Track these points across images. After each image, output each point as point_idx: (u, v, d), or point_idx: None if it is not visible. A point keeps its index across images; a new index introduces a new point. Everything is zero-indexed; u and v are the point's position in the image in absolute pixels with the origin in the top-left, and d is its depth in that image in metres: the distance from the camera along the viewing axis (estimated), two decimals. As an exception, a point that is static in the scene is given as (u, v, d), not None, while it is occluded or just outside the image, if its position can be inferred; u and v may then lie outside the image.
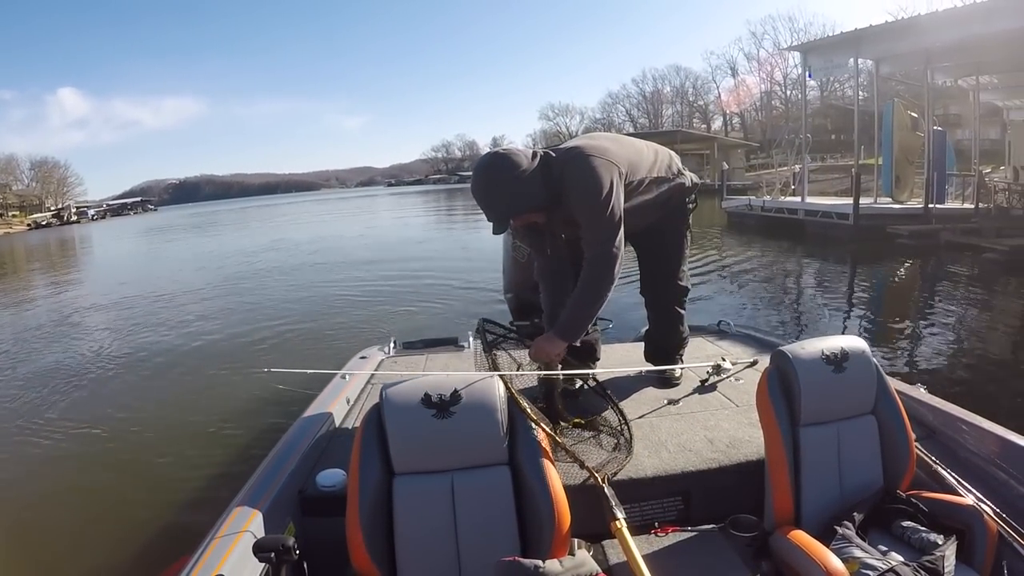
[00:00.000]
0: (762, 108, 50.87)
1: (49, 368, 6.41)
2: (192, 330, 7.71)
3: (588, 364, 2.27)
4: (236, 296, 10.08)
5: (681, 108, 63.79)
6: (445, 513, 1.44)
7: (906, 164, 13.15)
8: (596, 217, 1.94)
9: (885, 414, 1.69)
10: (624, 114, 68.86)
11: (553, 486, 1.42)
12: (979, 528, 1.47)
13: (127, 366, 6.27)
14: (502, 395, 1.52)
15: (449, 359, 2.95)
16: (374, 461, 1.44)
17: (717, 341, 2.99)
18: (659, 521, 1.78)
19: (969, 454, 1.77)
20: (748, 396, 2.16)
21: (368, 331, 6.51)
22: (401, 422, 1.45)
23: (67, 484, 3.72)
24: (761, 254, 11.65)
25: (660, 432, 2.02)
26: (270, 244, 19.38)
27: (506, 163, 1.89)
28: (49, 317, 9.73)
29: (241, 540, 1.42)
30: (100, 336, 7.93)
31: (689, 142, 34.22)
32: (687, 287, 2.42)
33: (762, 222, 14.44)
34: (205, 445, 4.04)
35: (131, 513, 3.27)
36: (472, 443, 1.47)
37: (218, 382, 5.50)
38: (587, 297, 1.97)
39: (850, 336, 1.74)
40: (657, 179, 2.19)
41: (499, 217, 1.92)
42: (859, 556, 1.42)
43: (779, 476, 1.59)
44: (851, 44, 13.24)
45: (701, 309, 6.78)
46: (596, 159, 1.95)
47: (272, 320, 7.83)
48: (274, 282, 11.37)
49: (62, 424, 4.71)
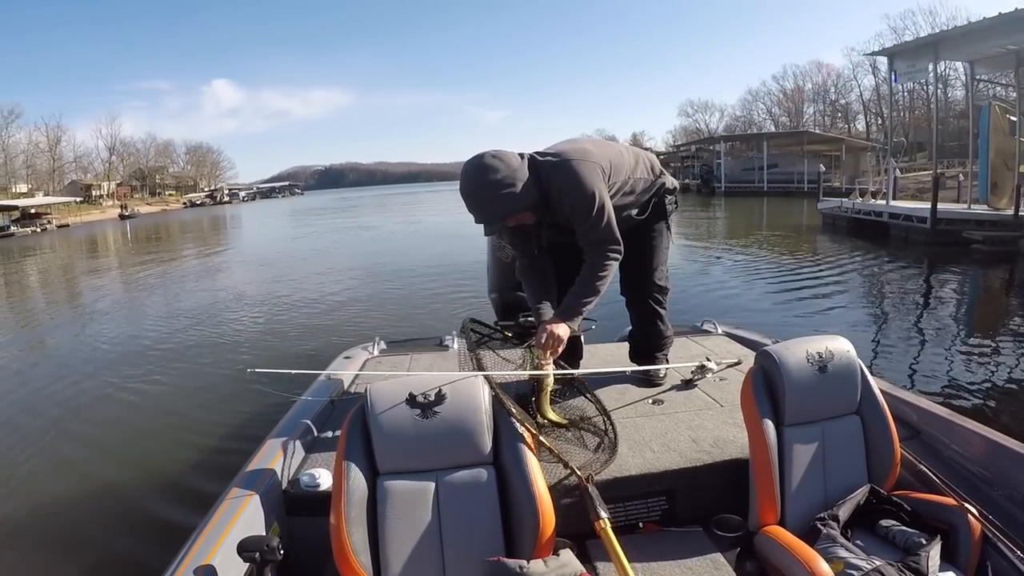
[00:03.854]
0: (908, 108, 45.83)
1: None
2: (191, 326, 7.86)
3: (572, 363, 2.26)
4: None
5: (823, 107, 59.06)
6: (429, 513, 1.44)
7: (1004, 170, 12.77)
8: (590, 215, 1.99)
9: (869, 414, 1.70)
10: (764, 112, 64.30)
11: (537, 486, 1.42)
12: (963, 528, 1.47)
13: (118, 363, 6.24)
14: (487, 395, 1.51)
15: (433, 359, 2.93)
16: (358, 461, 1.43)
17: (702, 341, 3.00)
18: (643, 521, 1.78)
19: (954, 454, 1.78)
20: (732, 396, 2.16)
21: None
22: (385, 422, 1.44)
23: (43, 484, 3.67)
24: (839, 253, 11.92)
25: (644, 432, 2.02)
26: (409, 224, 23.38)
27: (500, 164, 1.90)
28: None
29: (225, 540, 1.41)
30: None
31: (815, 143, 33.91)
32: (667, 286, 2.44)
33: (851, 224, 14.69)
34: (188, 445, 3.99)
35: (113, 514, 3.23)
36: (456, 443, 1.46)
37: (209, 380, 5.47)
38: (590, 285, 2.01)
39: (834, 336, 1.74)
40: (638, 180, 2.24)
41: (492, 218, 1.94)
42: (843, 556, 1.42)
43: (763, 476, 1.59)
44: (931, 47, 13.18)
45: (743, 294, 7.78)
46: (580, 162, 2.00)
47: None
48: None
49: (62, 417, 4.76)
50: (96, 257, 21.63)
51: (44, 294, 13.71)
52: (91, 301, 11.42)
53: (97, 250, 24.92)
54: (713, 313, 3.87)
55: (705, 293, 8.43)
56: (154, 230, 34.58)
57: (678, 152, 50.32)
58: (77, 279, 15.44)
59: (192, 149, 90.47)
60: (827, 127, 53.43)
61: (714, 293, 8.47)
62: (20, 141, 63.26)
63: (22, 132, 63.85)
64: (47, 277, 16.87)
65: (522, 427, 1.53)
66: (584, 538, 1.63)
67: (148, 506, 3.22)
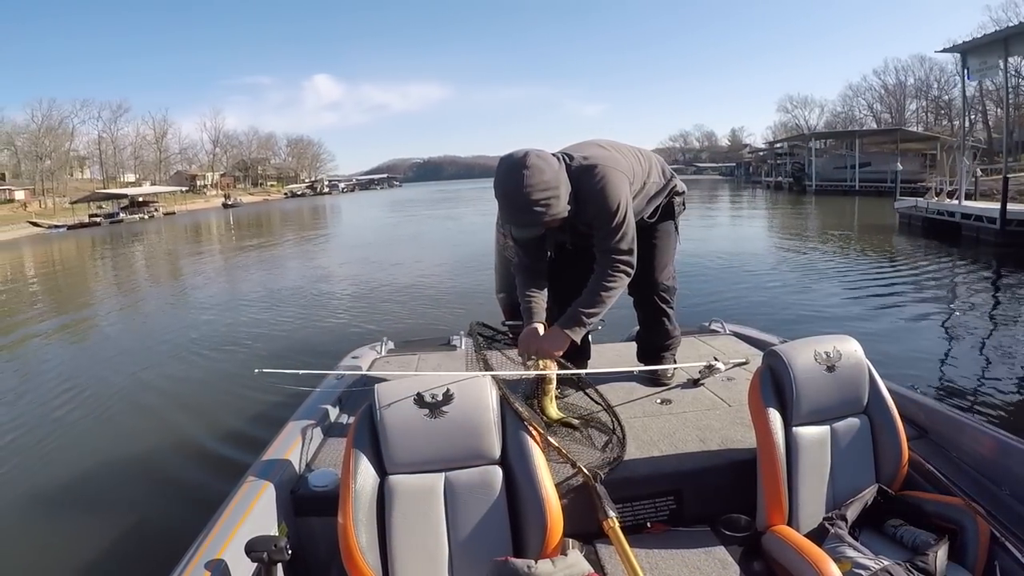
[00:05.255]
0: (1014, 105, 42.08)
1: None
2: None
3: (580, 362, 2.26)
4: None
5: (926, 103, 55.81)
6: (437, 512, 1.44)
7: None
8: (611, 225, 1.99)
9: (877, 414, 1.70)
10: (865, 108, 61.55)
11: (545, 486, 1.42)
12: (971, 528, 1.47)
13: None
14: (494, 395, 1.51)
15: (441, 359, 2.94)
16: (366, 461, 1.43)
17: (709, 341, 3.00)
18: (651, 520, 1.78)
19: (961, 454, 1.77)
20: (740, 395, 2.16)
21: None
22: (393, 421, 1.45)
23: (47, 481, 3.72)
24: (904, 253, 12.09)
25: (652, 432, 2.02)
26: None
27: (545, 167, 1.86)
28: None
29: (233, 540, 1.41)
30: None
31: (909, 141, 33.31)
32: (674, 286, 2.44)
33: (926, 224, 14.69)
34: (196, 444, 4.04)
35: (120, 513, 3.25)
36: (464, 442, 1.47)
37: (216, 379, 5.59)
38: (595, 295, 2.01)
39: (842, 336, 1.74)
40: (652, 184, 2.25)
41: (533, 222, 1.90)
42: (851, 556, 1.42)
43: (771, 476, 1.59)
44: (1001, 44, 13.03)
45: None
46: (611, 169, 2.00)
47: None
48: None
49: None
50: (198, 242, 23.99)
51: (147, 272, 15.87)
52: (187, 280, 13.39)
53: (200, 236, 27.33)
54: (756, 310, 3.86)
55: (752, 290, 8.44)
56: (255, 218, 37.37)
57: (772, 150, 49.24)
58: (178, 260, 17.66)
59: (293, 142, 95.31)
60: (930, 125, 51.28)
61: (761, 292, 8.39)
62: (128, 134, 70.20)
63: (130, 126, 70.94)
64: (151, 259, 19.19)
65: (530, 427, 1.53)
66: (592, 537, 1.64)
67: (155, 506, 3.30)
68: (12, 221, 42.28)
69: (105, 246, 24.93)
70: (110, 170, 65.73)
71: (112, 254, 21.61)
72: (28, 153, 55.53)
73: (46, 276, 16.81)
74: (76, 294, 13.19)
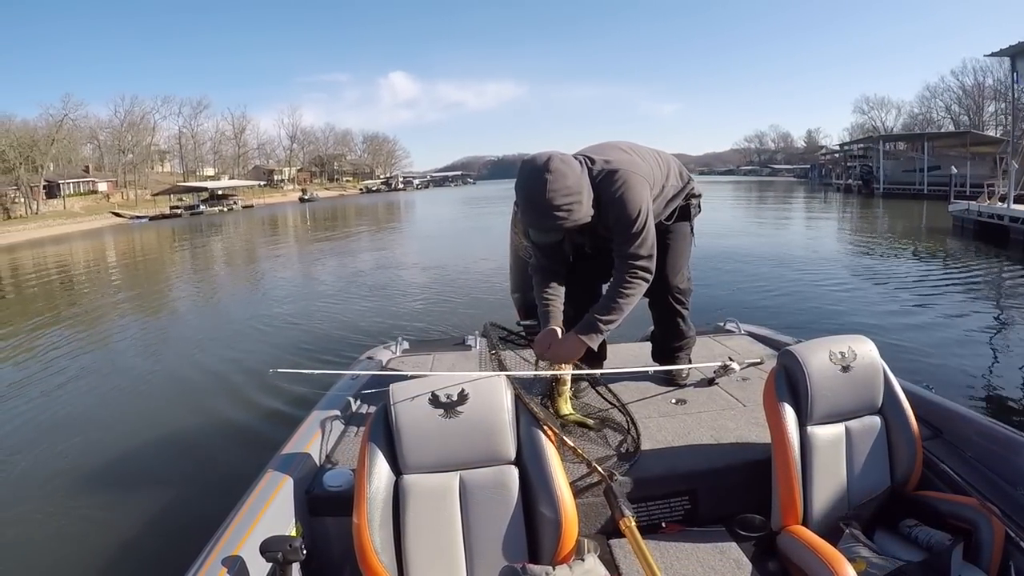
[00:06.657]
0: None
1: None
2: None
3: (595, 363, 2.27)
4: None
5: (1005, 105, 50.31)
6: (452, 512, 1.45)
7: None
8: (631, 231, 1.98)
9: (892, 414, 1.69)
10: (943, 109, 58.14)
11: (560, 485, 1.42)
12: (986, 528, 1.47)
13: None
14: (509, 395, 1.52)
15: (456, 359, 2.96)
16: (381, 460, 1.44)
17: (724, 341, 2.99)
18: (665, 520, 1.78)
19: (976, 454, 1.76)
20: (755, 395, 2.16)
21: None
22: (408, 421, 1.46)
23: (60, 480, 3.79)
24: (952, 256, 12.09)
25: (667, 431, 2.02)
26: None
27: (568, 171, 1.86)
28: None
29: (249, 538, 1.42)
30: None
31: (980, 144, 32.53)
32: (689, 287, 2.44)
33: (977, 227, 14.62)
34: (211, 444, 4.10)
35: (136, 512, 3.30)
36: (479, 442, 1.47)
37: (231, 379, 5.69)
38: (613, 302, 2.01)
39: (857, 336, 1.74)
40: (670, 187, 2.25)
41: (555, 227, 1.89)
42: (866, 556, 1.43)
43: (786, 476, 1.59)
44: None
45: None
46: (633, 175, 1.99)
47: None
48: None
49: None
50: (276, 234, 25.44)
51: (224, 261, 17.01)
52: (262, 269, 14.33)
53: (277, 228, 28.75)
54: (801, 309, 3.84)
55: (794, 289, 8.48)
56: (330, 212, 39.07)
57: (843, 151, 48.45)
58: (255, 250, 18.92)
59: (369, 138, 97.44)
60: (1007, 128, 50.09)
61: (803, 291, 8.38)
62: (208, 129, 72.61)
63: (209, 121, 73.33)
64: (229, 248, 20.98)
65: (544, 427, 1.54)
66: (607, 537, 1.65)
67: (170, 505, 3.36)
68: (96, 212, 45.62)
69: (184, 237, 26.24)
70: (190, 164, 68.17)
71: (190, 244, 22.95)
72: (111, 147, 57.65)
73: (126, 265, 17.96)
74: (151, 280, 14.20)
